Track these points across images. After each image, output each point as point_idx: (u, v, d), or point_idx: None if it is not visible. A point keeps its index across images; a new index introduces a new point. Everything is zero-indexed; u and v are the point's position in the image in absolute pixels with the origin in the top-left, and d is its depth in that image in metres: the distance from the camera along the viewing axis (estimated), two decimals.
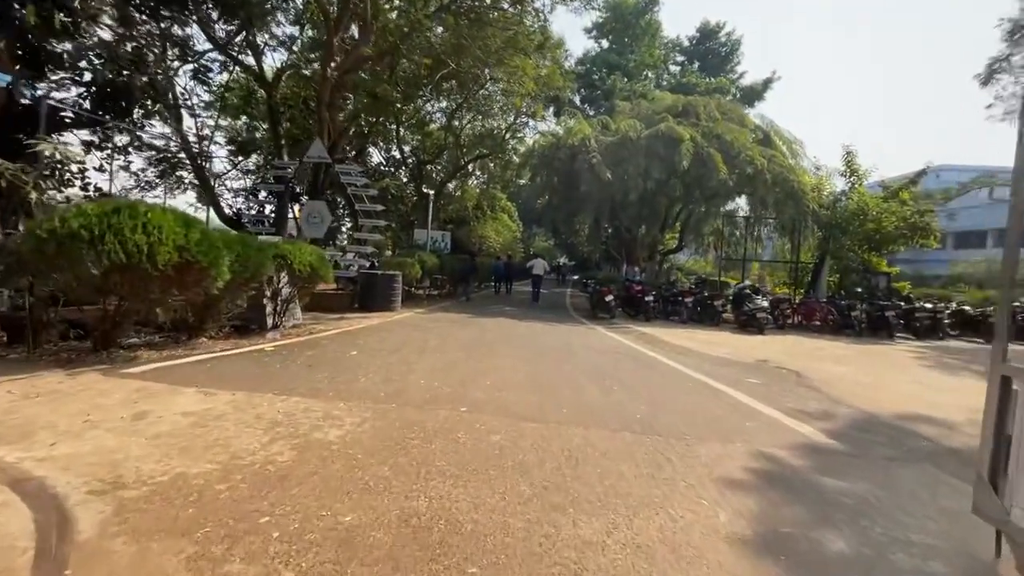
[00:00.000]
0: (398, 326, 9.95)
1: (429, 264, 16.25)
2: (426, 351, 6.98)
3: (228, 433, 3.39)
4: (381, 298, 13.28)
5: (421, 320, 11.27)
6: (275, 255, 8.39)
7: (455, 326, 10.34)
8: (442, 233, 22.72)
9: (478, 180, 33.63)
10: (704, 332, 11.85)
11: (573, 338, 9.59)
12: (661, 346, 9.14)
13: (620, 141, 16.54)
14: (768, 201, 15.01)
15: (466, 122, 26.97)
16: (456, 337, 8.61)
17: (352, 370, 5.53)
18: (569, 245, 35.67)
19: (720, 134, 15.97)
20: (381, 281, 13.33)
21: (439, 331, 9.37)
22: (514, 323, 11.65)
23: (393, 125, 25.06)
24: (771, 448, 3.81)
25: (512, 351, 7.45)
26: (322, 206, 13.89)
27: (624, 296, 14.21)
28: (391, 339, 8.06)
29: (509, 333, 9.72)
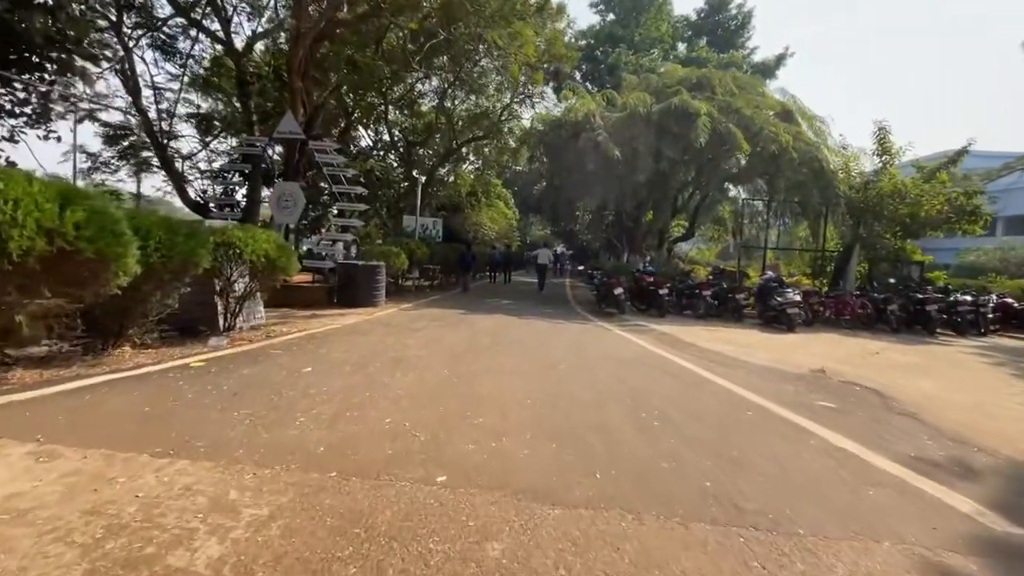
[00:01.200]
0: (377, 327, 8.43)
1: (418, 254, 14.71)
2: (402, 365, 5.48)
3: (9, 562, 1.88)
4: (362, 292, 11.77)
5: (405, 319, 9.75)
6: (221, 243, 6.84)
7: (444, 327, 8.83)
8: (433, 220, 21.12)
9: (472, 165, 31.96)
10: (728, 330, 10.40)
11: (585, 341, 8.11)
12: (689, 351, 7.67)
13: (628, 117, 14.95)
14: (793, 182, 13.50)
15: (459, 102, 25.25)
16: (443, 343, 7.11)
17: (293, 402, 4.01)
18: (567, 233, 34.13)
19: (739, 109, 14.41)
20: (362, 273, 11.80)
21: (425, 334, 7.86)
22: (513, 321, 10.16)
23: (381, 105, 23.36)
24: (941, 552, 2.35)
25: (512, 362, 5.97)
26: (294, 188, 12.28)
27: (635, 289, 12.74)
28: (363, 346, 6.55)
29: (508, 335, 8.23)
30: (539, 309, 13.14)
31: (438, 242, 20.21)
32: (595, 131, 14.84)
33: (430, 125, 24.71)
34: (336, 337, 7.23)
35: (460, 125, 25.64)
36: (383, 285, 12.22)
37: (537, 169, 34.71)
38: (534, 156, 19.56)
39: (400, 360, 5.69)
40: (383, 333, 7.72)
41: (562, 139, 16.37)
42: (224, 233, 6.99)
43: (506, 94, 24.66)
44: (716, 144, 13.71)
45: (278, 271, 7.55)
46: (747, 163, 13.53)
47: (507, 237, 34.51)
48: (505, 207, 33.28)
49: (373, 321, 9.25)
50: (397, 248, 13.44)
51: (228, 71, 16.29)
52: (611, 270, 13.71)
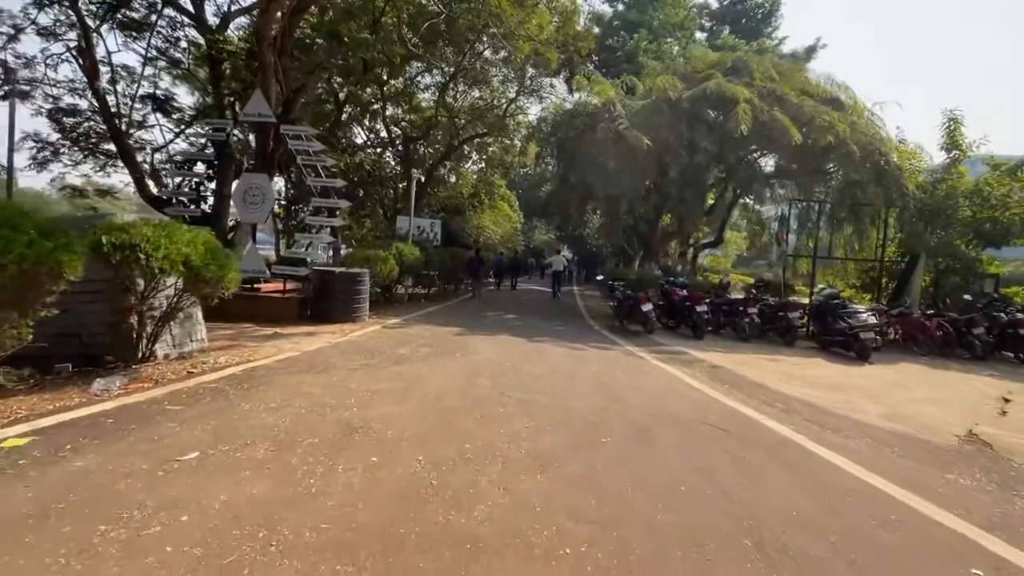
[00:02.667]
0: (345, 356, 6.44)
1: (410, 259, 12.74)
2: (355, 442, 3.48)
3: None
4: (340, 305, 9.83)
5: (387, 341, 7.77)
6: (119, 245, 4.90)
7: (433, 356, 6.84)
8: (431, 221, 19.19)
9: (475, 164, 30.07)
10: (788, 359, 8.38)
11: (620, 381, 6.09)
12: (762, 397, 5.67)
13: (654, 104, 12.97)
14: (851, 180, 11.47)
15: (461, 95, 23.38)
16: (427, 389, 5.11)
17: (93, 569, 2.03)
18: (576, 238, 32.12)
19: (783, 95, 12.43)
20: (340, 282, 9.86)
21: (405, 370, 5.87)
22: (521, 346, 8.16)
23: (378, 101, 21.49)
24: None
25: (528, 432, 3.95)
26: (263, 181, 10.33)
27: (664, 304, 10.75)
28: (311, 396, 4.55)
29: (516, 371, 6.22)
30: (550, 326, 11.15)
31: (436, 246, 18.26)
32: (616, 121, 12.87)
33: (429, 120, 22.82)
34: (282, 376, 5.24)
35: (462, 121, 23.77)
36: (366, 296, 10.27)
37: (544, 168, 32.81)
38: (543, 152, 17.58)
39: (354, 430, 3.69)
40: (349, 369, 5.73)
41: (576, 131, 14.42)
42: (126, 231, 5.04)
43: (512, 86, 22.83)
44: (758, 135, 11.73)
45: (205, 283, 5.58)
46: (794, 158, 11.54)
47: (511, 241, 32.57)
48: (509, 209, 31.33)
49: (345, 345, 7.27)
50: (384, 252, 11.49)
51: (204, 53, 14.43)
52: (635, 281, 11.71)
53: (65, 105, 14.02)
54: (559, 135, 15.48)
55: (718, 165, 13.02)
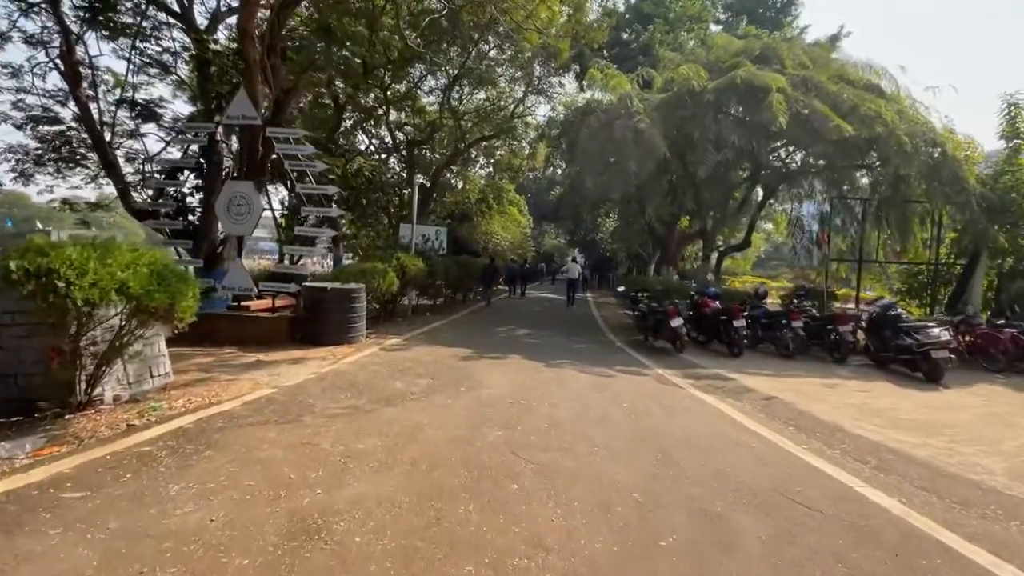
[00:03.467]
0: (327, 396, 5.39)
1: (412, 270, 11.73)
2: (304, 557, 2.43)
3: None
4: (332, 325, 8.84)
5: (382, 370, 6.71)
6: (35, 270, 3.93)
7: (432, 393, 5.76)
8: (436, 229, 18.18)
9: (482, 169, 29.11)
10: (851, 384, 7.18)
11: (658, 422, 4.96)
12: (842, 444, 4.51)
13: (675, 97, 11.86)
14: (901, 174, 10.24)
15: (466, 98, 22.43)
16: (420, 447, 4.03)
17: None
18: (588, 242, 31.00)
19: (819, 84, 11.26)
20: (333, 299, 8.86)
21: (395, 416, 4.79)
22: (537, 372, 7.05)
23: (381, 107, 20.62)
24: None
25: (547, 525, 2.88)
26: (248, 189, 9.38)
27: (694, 317, 9.60)
28: (264, 467, 3.48)
29: (532, 412, 5.12)
30: (568, 343, 10.04)
31: (441, 254, 17.26)
32: (633, 117, 11.78)
33: (433, 123, 21.89)
34: (241, 431, 4.20)
35: (468, 123, 22.82)
36: (362, 314, 9.27)
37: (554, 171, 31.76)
38: (553, 153, 16.54)
39: (309, 535, 2.60)
40: (327, 416, 4.68)
41: (590, 129, 13.34)
42: (44, 254, 4.06)
43: (519, 87, 21.83)
44: (794, 128, 10.55)
45: (150, 314, 4.57)
46: (834, 151, 10.36)
47: (521, 247, 31.53)
48: (519, 214, 30.28)
49: (332, 378, 6.23)
50: (383, 264, 10.48)
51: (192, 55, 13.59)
52: (660, 292, 10.56)
53: (47, 114, 13.23)
54: (571, 134, 14.42)
55: (746, 162, 11.84)
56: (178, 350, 8.00)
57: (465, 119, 21.67)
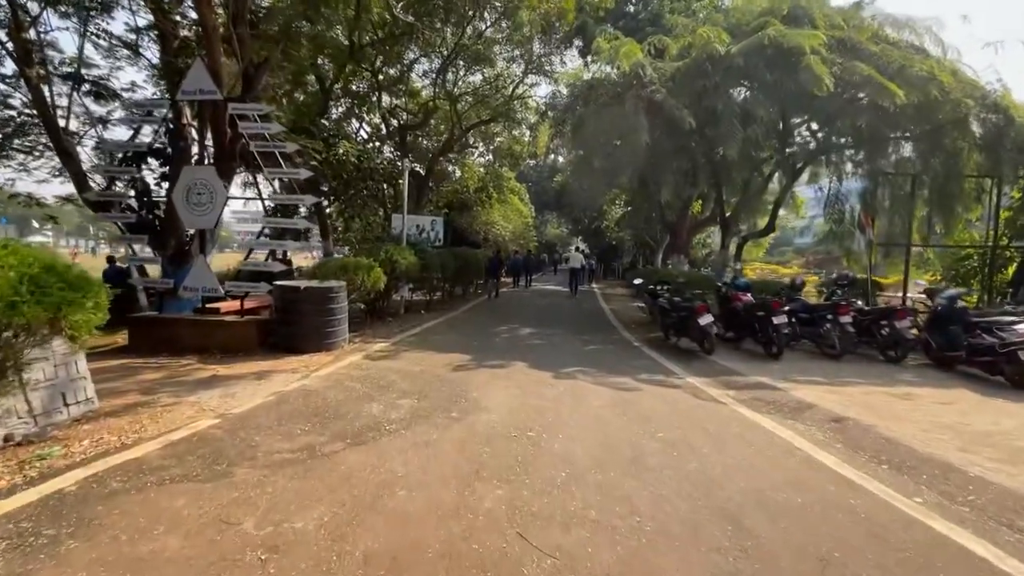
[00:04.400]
0: (284, 426, 4.20)
1: (403, 265, 10.52)
2: None
3: None
4: (310, 328, 7.69)
5: (357, 389, 5.51)
6: None
7: (414, 419, 4.56)
8: (432, 219, 16.93)
9: (481, 156, 27.78)
10: (926, 393, 5.95)
11: (710, 463, 3.73)
12: (964, 495, 3.31)
13: (694, 64, 10.52)
14: (957, 146, 8.93)
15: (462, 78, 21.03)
16: (384, 521, 2.86)
17: None
18: (594, 231, 29.66)
19: (858, 44, 9.93)
20: (309, 299, 7.68)
21: (359, 463, 3.59)
22: (545, 385, 5.84)
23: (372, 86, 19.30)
24: None
25: None
26: (210, 176, 8.15)
27: (724, 313, 8.37)
28: (137, 570, 2.33)
29: (538, 451, 3.93)
30: (579, 344, 8.84)
31: (438, 246, 16.04)
32: (647, 87, 10.48)
33: (428, 107, 20.56)
34: (141, 496, 3.02)
35: (464, 107, 21.48)
36: (343, 316, 8.09)
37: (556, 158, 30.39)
38: (557, 133, 15.22)
39: None
40: (269, 465, 3.49)
41: (598, 104, 12.04)
42: None
43: (518, 65, 20.42)
44: (833, 95, 9.23)
45: (27, 330, 3.38)
46: (881, 120, 9.05)
47: (523, 237, 30.24)
48: (520, 203, 28.95)
49: (294, 400, 5.04)
50: (367, 259, 9.26)
51: None
52: (683, 284, 9.30)
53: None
54: (576, 111, 13.09)
55: (774, 137, 10.54)
56: (126, 362, 6.88)
57: (461, 102, 20.33)
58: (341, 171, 14.24)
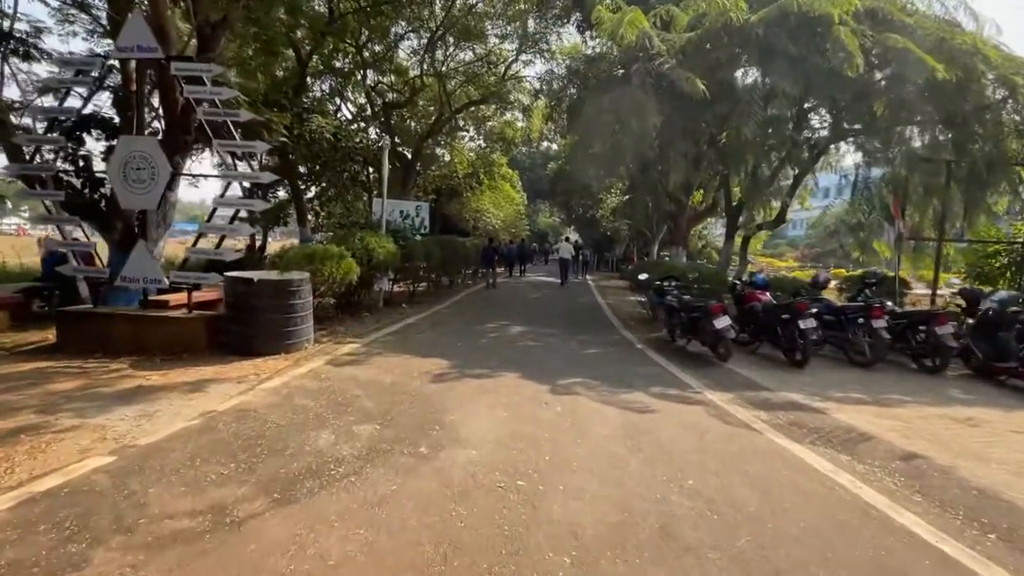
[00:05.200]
0: (196, 468, 3.13)
1: (381, 254, 9.43)
2: None
3: None
4: (266, 327, 6.63)
5: (310, 407, 4.44)
6: None
7: (371, 457, 3.52)
8: (417, 204, 15.82)
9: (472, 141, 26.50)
10: (996, 417, 5.04)
11: (763, 525, 2.76)
12: None
13: (707, 36, 9.44)
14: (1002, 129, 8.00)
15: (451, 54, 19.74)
16: None
17: None
18: (588, 220, 28.61)
19: (889, 15, 8.92)
20: (265, 294, 6.61)
21: (279, 539, 2.54)
22: (539, 409, 4.80)
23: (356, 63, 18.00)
24: None
25: None
26: (150, 148, 6.97)
27: (740, 313, 7.40)
28: None
29: (535, 512, 2.92)
30: (575, 346, 7.85)
31: (423, 234, 14.95)
32: (654, 59, 9.41)
33: (414, 85, 19.29)
34: None
35: (454, 85, 20.23)
36: (307, 313, 7.01)
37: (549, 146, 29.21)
38: (554, 113, 14.11)
39: None
40: (138, 552, 2.45)
41: (599, 80, 10.95)
42: None
43: (511, 42, 19.18)
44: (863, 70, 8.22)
45: None
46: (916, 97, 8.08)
47: (514, 226, 29.14)
48: (512, 190, 27.80)
49: (222, 427, 3.98)
50: (338, 247, 8.16)
51: None
52: (695, 281, 8.31)
53: None
54: (575, 89, 11.96)
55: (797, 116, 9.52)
56: (43, 366, 5.75)
57: (450, 80, 19.10)
58: (317, 150, 13.04)
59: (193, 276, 7.16)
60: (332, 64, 18.56)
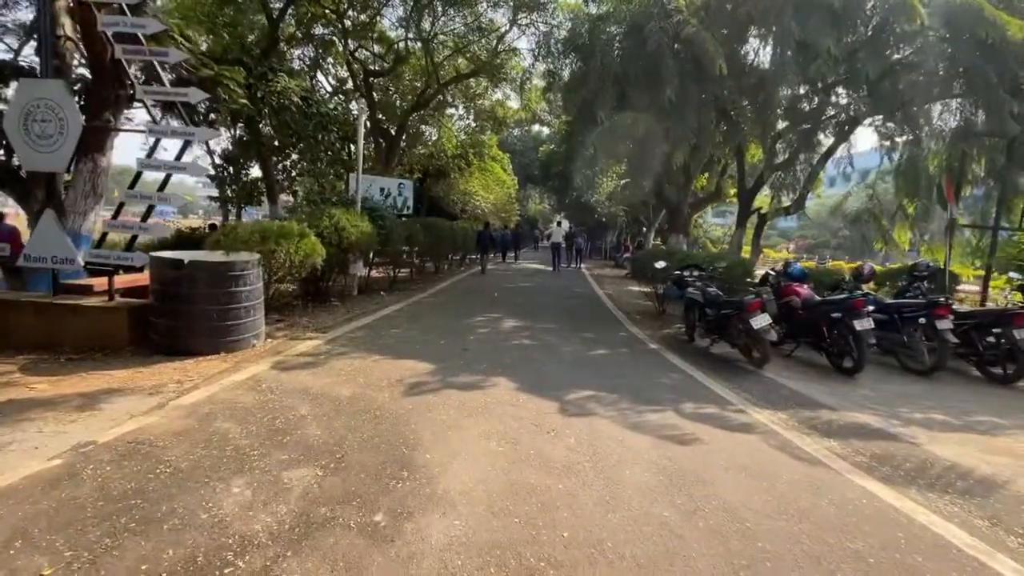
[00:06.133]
0: (9, 552, 1.91)
1: (354, 235, 8.11)
2: None
3: None
4: (202, 320, 5.36)
5: (234, 433, 3.14)
6: None
7: (302, 525, 2.30)
8: (400, 182, 14.42)
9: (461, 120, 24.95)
10: None
11: None
12: None
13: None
14: None
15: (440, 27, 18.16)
16: None
17: None
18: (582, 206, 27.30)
19: None
20: (198, 281, 5.29)
21: None
22: (541, 429, 3.59)
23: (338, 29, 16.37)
24: None
25: None
26: (56, 94, 5.54)
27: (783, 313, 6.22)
28: None
29: None
30: (579, 344, 6.64)
31: (406, 214, 13.61)
32: (672, 16, 8.13)
33: (397, 51, 17.74)
34: None
35: (441, 55, 18.69)
36: (257, 301, 5.71)
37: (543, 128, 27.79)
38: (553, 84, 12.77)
39: None
40: None
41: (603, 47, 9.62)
42: None
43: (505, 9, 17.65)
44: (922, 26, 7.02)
45: None
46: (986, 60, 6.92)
47: (505, 210, 27.70)
48: (503, 172, 26.33)
49: (87, 473, 2.69)
50: (299, 224, 6.81)
51: None
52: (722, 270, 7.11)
53: None
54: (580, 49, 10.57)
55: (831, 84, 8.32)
56: None
57: (437, 46, 17.55)
58: (288, 118, 11.56)
59: (113, 255, 5.79)
60: (311, 32, 16.94)
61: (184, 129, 5.70)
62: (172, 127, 5.69)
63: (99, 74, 7.35)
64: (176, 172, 5.68)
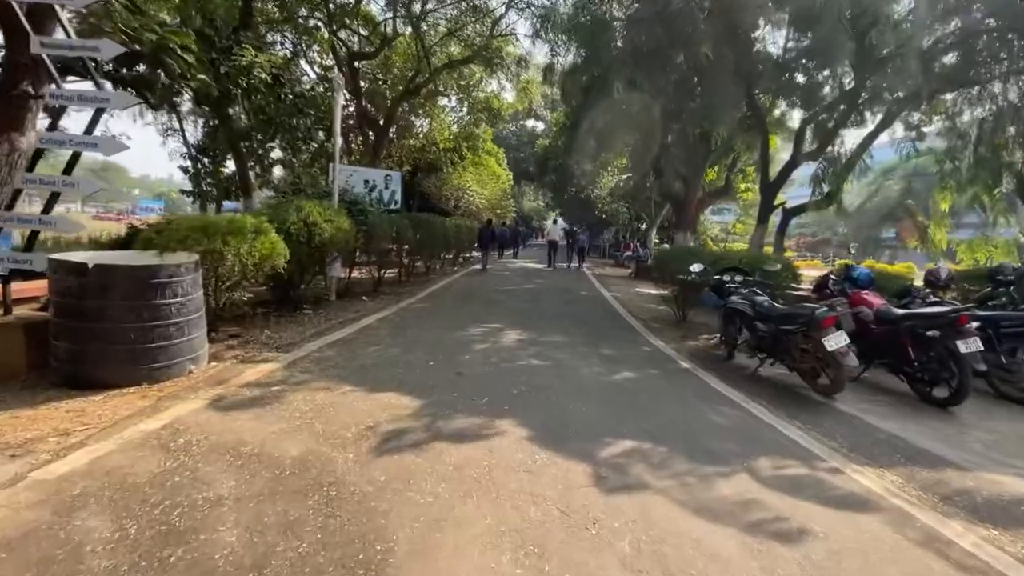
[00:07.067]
0: None
1: (329, 231, 6.86)
2: None
3: None
4: (117, 342, 4.04)
5: (106, 528, 1.93)
6: None
7: None
8: (386, 175, 13.12)
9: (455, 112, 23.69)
10: None
11: None
12: None
13: None
14: None
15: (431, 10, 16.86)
16: None
17: None
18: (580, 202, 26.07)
19: None
20: (116, 290, 4.01)
21: None
22: (568, 518, 2.40)
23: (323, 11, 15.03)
24: None
25: None
26: None
27: (859, 331, 5.01)
28: None
29: None
30: (599, 366, 5.41)
31: (393, 210, 12.35)
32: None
33: (384, 33, 16.45)
34: None
35: (432, 39, 17.44)
36: (196, 315, 4.45)
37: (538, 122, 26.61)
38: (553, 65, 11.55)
39: None
40: None
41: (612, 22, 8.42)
42: None
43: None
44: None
45: None
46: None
47: (499, 206, 26.46)
48: (498, 167, 25.09)
49: None
50: (256, 218, 5.55)
51: None
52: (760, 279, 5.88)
53: None
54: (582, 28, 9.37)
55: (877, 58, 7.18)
56: None
57: (428, 29, 16.29)
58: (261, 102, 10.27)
59: (8, 258, 4.50)
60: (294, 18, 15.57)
61: (97, 93, 4.41)
62: (79, 91, 4.40)
63: (11, 38, 6.04)
64: (85, 149, 4.40)
